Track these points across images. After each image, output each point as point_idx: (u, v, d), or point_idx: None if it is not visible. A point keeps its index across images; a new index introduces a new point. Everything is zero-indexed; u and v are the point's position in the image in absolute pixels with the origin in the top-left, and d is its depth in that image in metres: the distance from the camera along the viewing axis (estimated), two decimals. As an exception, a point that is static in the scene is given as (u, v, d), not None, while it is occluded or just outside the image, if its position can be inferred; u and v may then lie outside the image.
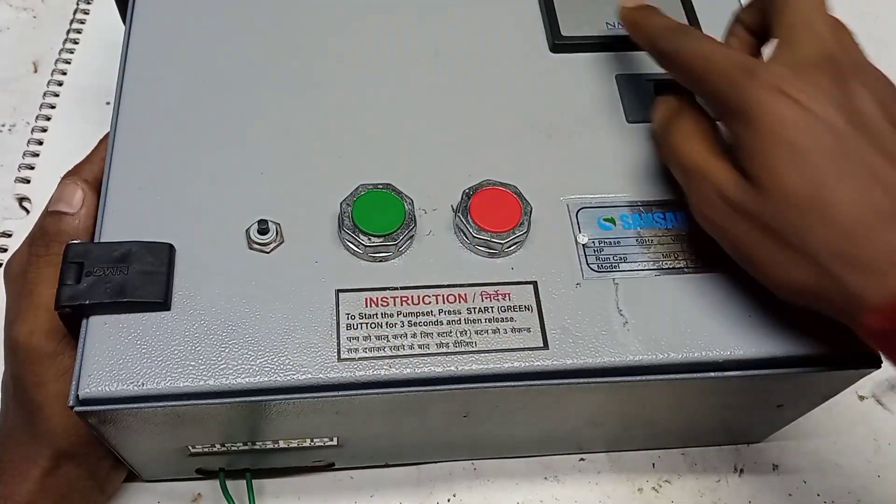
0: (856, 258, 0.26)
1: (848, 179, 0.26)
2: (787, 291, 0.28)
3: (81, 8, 0.56)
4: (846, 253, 0.26)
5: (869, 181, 0.26)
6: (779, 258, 0.28)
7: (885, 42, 0.59)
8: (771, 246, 0.28)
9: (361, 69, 0.38)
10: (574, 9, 0.41)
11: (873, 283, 0.25)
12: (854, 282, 0.26)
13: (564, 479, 0.41)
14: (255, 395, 0.30)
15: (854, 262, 0.26)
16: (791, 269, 0.27)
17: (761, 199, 0.28)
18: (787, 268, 0.28)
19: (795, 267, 0.27)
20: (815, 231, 0.26)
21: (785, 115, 0.27)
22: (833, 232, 0.26)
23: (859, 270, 0.26)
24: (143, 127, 0.35)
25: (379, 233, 0.32)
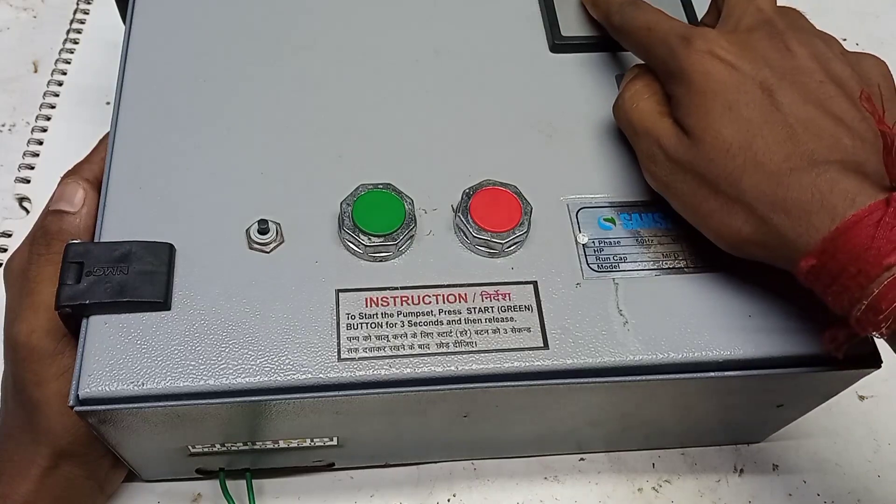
0: (784, 201, 0.27)
1: (776, 126, 0.28)
2: (730, 242, 0.30)
3: (81, 8, 0.56)
4: (776, 196, 0.27)
5: (797, 129, 0.28)
6: (718, 208, 0.29)
7: (886, 42, 0.59)
8: (709, 196, 0.29)
9: (361, 69, 0.38)
10: (574, 9, 0.41)
11: (803, 225, 0.27)
12: (786, 226, 0.27)
13: (564, 479, 0.41)
14: (255, 395, 0.30)
15: (783, 206, 0.27)
16: (730, 219, 0.29)
17: (697, 150, 0.29)
18: (726, 218, 0.29)
19: (734, 216, 0.29)
20: (746, 177, 0.28)
21: (715, 73, 0.30)
22: (762, 177, 0.28)
23: (788, 213, 0.27)
24: (143, 127, 0.35)
25: (379, 233, 0.32)
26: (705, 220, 0.30)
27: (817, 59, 0.30)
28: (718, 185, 0.29)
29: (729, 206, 0.29)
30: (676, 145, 0.30)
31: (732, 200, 0.29)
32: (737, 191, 0.28)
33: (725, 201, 0.29)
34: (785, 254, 0.28)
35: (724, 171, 0.29)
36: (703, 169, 0.29)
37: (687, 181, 0.30)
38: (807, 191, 0.27)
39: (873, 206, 0.25)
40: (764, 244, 0.29)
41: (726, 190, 0.29)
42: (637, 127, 0.32)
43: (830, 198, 0.26)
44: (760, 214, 0.28)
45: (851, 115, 0.29)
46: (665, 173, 0.31)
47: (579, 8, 0.40)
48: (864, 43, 0.59)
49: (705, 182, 0.30)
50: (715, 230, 0.30)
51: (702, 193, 0.30)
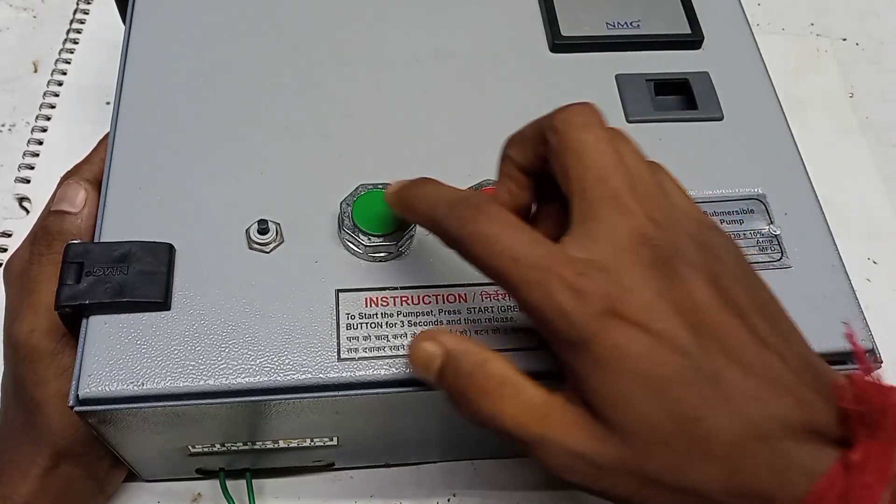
0: (741, 487, 0.23)
1: (713, 403, 0.23)
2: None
3: (81, 8, 0.56)
4: (731, 483, 0.23)
5: (736, 400, 0.23)
6: (663, 500, 0.24)
7: (886, 42, 0.59)
8: (656, 492, 0.24)
9: (361, 69, 0.38)
10: (574, 9, 0.41)
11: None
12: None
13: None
14: (255, 395, 0.30)
15: (741, 492, 0.23)
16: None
17: (628, 447, 0.24)
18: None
19: None
20: (694, 469, 0.23)
21: (629, 346, 0.23)
22: (713, 465, 0.23)
23: (748, 499, 0.23)
24: (143, 127, 0.35)
25: (379, 233, 0.32)
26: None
27: (712, 285, 0.24)
28: (664, 482, 0.24)
29: (679, 498, 0.24)
30: (598, 448, 0.24)
31: (682, 493, 0.24)
32: (684, 484, 0.23)
33: (673, 495, 0.24)
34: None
35: (668, 465, 0.23)
36: (640, 467, 0.24)
37: (622, 483, 0.24)
38: (765, 473, 0.23)
39: (831, 474, 0.22)
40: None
41: (674, 484, 0.24)
42: (522, 438, 0.25)
43: (790, 475, 0.22)
44: (719, 501, 0.23)
45: (768, 363, 0.24)
46: (591, 481, 0.25)
47: (579, 8, 0.40)
48: (864, 43, 0.59)
49: (646, 480, 0.24)
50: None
51: (646, 492, 0.24)
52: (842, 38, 0.60)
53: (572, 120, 0.27)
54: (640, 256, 0.24)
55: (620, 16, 0.41)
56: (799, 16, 0.60)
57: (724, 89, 0.39)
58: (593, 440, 0.24)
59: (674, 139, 0.37)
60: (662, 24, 0.40)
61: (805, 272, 0.34)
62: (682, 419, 0.23)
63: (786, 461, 0.23)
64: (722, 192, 0.36)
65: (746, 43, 0.41)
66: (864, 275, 0.48)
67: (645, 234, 0.25)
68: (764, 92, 0.39)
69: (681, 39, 0.40)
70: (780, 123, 0.38)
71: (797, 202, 0.36)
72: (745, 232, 0.35)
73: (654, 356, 0.23)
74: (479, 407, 0.25)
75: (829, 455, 0.22)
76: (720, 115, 0.38)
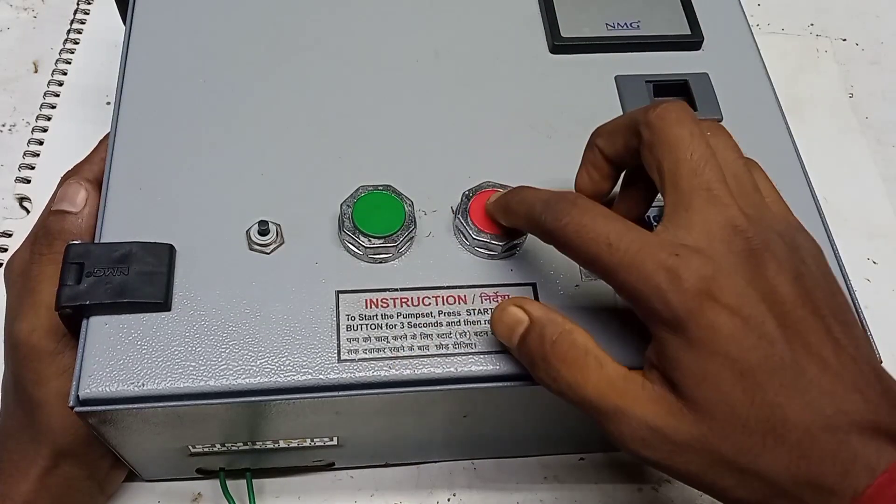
0: (808, 475, 0.24)
1: (792, 392, 0.24)
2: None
3: (81, 8, 0.56)
4: (799, 471, 0.24)
5: (811, 391, 0.24)
6: (735, 483, 0.25)
7: (886, 42, 0.59)
8: (724, 473, 0.25)
9: (361, 70, 0.38)
10: (574, 9, 0.41)
11: (824, 499, 0.24)
12: (807, 498, 0.24)
13: (564, 479, 0.41)
14: (255, 396, 0.30)
15: (807, 480, 0.24)
16: (749, 492, 0.25)
17: (706, 426, 0.25)
18: (743, 491, 0.25)
19: (754, 489, 0.25)
20: (767, 453, 0.24)
21: (722, 327, 0.24)
22: (784, 451, 0.24)
23: (812, 487, 0.24)
24: (143, 127, 0.35)
25: (379, 234, 0.32)
26: (721, 494, 0.26)
27: (794, 280, 0.26)
28: (735, 462, 0.25)
29: (747, 481, 0.25)
30: (676, 424, 0.25)
31: (750, 476, 0.25)
32: (756, 466, 0.25)
33: (742, 477, 0.25)
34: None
35: (742, 448, 0.25)
36: (714, 446, 0.25)
37: (694, 461, 0.25)
38: (830, 463, 0.24)
39: (892, 471, 0.23)
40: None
41: (744, 466, 0.25)
42: (601, 408, 0.26)
43: (853, 468, 0.24)
44: (783, 487, 0.25)
45: (842, 362, 0.25)
46: (663, 456, 0.26)
47: (579, 8, 0.40)
48: (863, 43, 0.59)
49: (718, 459, 0.25)
50: (731, 500, 0.26)
51: (715, 471, 0.25)
52: (842, 38, 0.60)
53: (667, 115, 0.27)
54: (732, 246, 0.25)
55: (620, 17, 0.41)
56: (799, 16, 0.60)
57: (724, 90, 0.39)
58: (672, 416, 0.25)
59: (673, 140, 0.37)
60: (662, 25, 0.40)
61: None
62: (763, 404, 0.24)
63: (851, 455, 0.24)
64: (721, 194, 0.36)
65: (746, 44, 0.41)
66: (864, 275, 0.48)
67: (737, 225, 0.26)
68: (763, 93, 0.39)
69: (681, 40, 0.40)
70: (780, 125, 0.38)
71: (795, 204, 0.35)
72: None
73: (744, 341, 0.24)
74: (562, 374, 0.27)
75: (890, 454, 0.24)
76: (720, 117, 0.38)
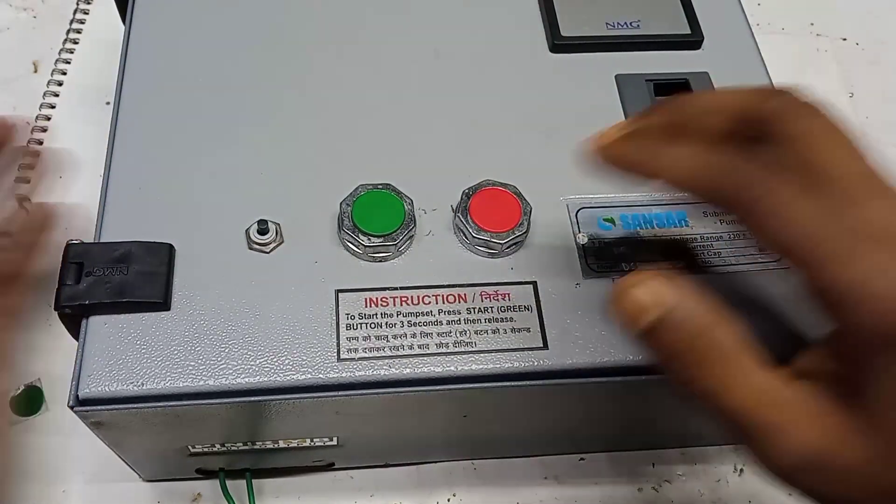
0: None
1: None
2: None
3: (81, 8, 0.56)
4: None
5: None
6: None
7: (886, 42, 0.59)
8: (882, 501, 0.22)
9: (361, 69, 0.38)
10: (574, 9, 0.41)
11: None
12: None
13: (564, 479, 0.41)
14: (254, 396, 0.30)
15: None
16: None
17: (885, 449, 0.21)
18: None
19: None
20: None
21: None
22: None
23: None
24: (143, 127, 0.35)
25: (379, 233, 0.32)
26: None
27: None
28: None
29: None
30: (842, 448, 0.21)
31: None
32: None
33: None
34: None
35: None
36: (882, 474, 0.21)
37: (855, 488, 0.22)
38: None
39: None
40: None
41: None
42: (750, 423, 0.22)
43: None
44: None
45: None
46: (818, 484, 0.22)
47: (579, 8, 0.40)
48: (863, 42, 0.59)
49: (886, 489, 0.21)
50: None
51: (875, 501, 0.22)
52: (842, 38, 0.60)
53: (798, 107, 0.24)
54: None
55: (620, 16, 0.41)
56: (799, 16, 0.60)
57: (724, 89, 0.39)
58: (839, 436, 0.21)
59: (673, 139, 0.37)
60: (662, 24, 0.40)
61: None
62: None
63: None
64: (722, 193, 0.36)
65: (746, 43, 0.41)
66: (864, 275, 0.48)
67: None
68: (764, 92, 0.39)
69: (681, 39, 0.40)
70: (780, 124, 0.38)
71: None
72: (745, 232, 0.35)
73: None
74: (698, 378, 0.23)
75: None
76: (720, 116, 0.38)
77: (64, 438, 0.40)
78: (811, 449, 0.21)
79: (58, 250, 0.31)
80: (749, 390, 0.22)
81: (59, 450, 0.39)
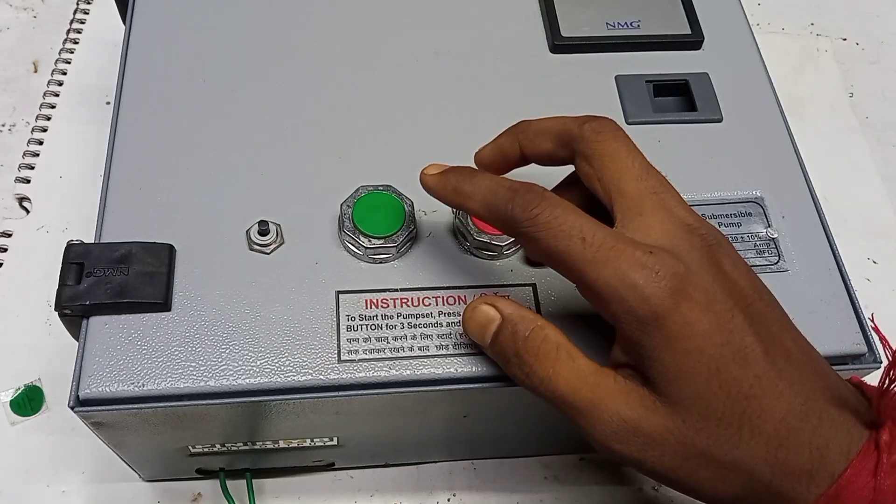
0: (785, 463, 0.24)
1: (765, 383, 0.25)
2: (715, 502, 0.26)
3: (81, 8, 0.56)
4: (776, 460, 0.25)
5: (783, 380, 0.25)
6: (710, 476, 0.25)
7: (886, 42, 0.59)
8: (699, 466, 0.25)
9: (361, 70, 0.38)
10: (574, 9, 0.41)
11: (804, 485, 0.24)
12: (786, 486, 0.25)
13: (564, 479, 0.41)
14: (255, 396, 0.30)
15: (784, 468, 0.25)
16: (725, 485, 0.25)
17: (681, 419, 0.25)
18: (720, 484, 0.25)
19: (729, 483, 0.25)
20: (743, 445, 0.25)
21: (696, 323, 0.24)
22: (761, 441, 0.25)
23: (790, 475, 0.25)
24: (143, 127, 0.35)
25: (379, 234, 0.32)
26: (695, 488, 0.26)
27: (746, 273, 0.27)
28: (711, 455, 0.25)
29: (723, 473, 0.25)
30: (650, 417, 0.25)
31: (727, 468, 0.25)
32: (732, 458, 0.25)
33: (718, 469, 0.25)
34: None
35: (718, 440, 0.25)
36: (689, 439, 0.25)
37: (668, 454, 0.25)
38: (807, 450, 0.24)
39: (865, 452, 0.24)
40: (758, 501, 0.26)
41: (720, 458, 0.25)
42: (574, 403, 0.26)
43: (828, 453, 0.24)
44: (761, 477, 0.25)
45: (802, 348, 0.26)
46: (636, 449, 0.26)
47: (579, 8, 0.40)
48: (863, 42, 0.59)
49: (693, 452, 0.25)
50: (707, 496, 0.26)
51: (690, 465, 0.25)
52: (842, 37, 0.60)
53: (603, 130, 0.28)
54: (692, 243, 0.26)
55: (620, 16, 0.41)
56: (799, 16, 0.60)
57: (724, 90, 0.39)
58: (644, 409, 0.25)
59: (673, 141, 0.37)
60: (662, 24, 0.40)
61: (802, 276, 0.34)
62: (739, 397, 0.25)
63: (824, 440, 0.24)
64: (720, 195, 0.36)
65: (746, 43, 0.41)
66: (864, 275, 0.48)
67: (690, 224, 0.27)
68: (763, 94, 0.39)
69: (681, 40, 0.40)
70: (780, 126, 0.38)
71: (795, 205, 0.36)
72: (743, 235, 0.35)
73: (717, 336, 0.25)
74: (535, 370, 0.27)
75: (861, 434, 0.24)
76: (719, 117, 0.38)
77: (64, 438, 0.40)
78: (620, 419, 0.25)
79: (58, 251, 0.31)
80: (572, 374, 0.26)
81: (59, 450, 0.39)
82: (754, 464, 0.25)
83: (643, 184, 0.27)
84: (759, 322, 0.26)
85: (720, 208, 0.35)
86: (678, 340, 0.25)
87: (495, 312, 0.28)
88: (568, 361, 0.27)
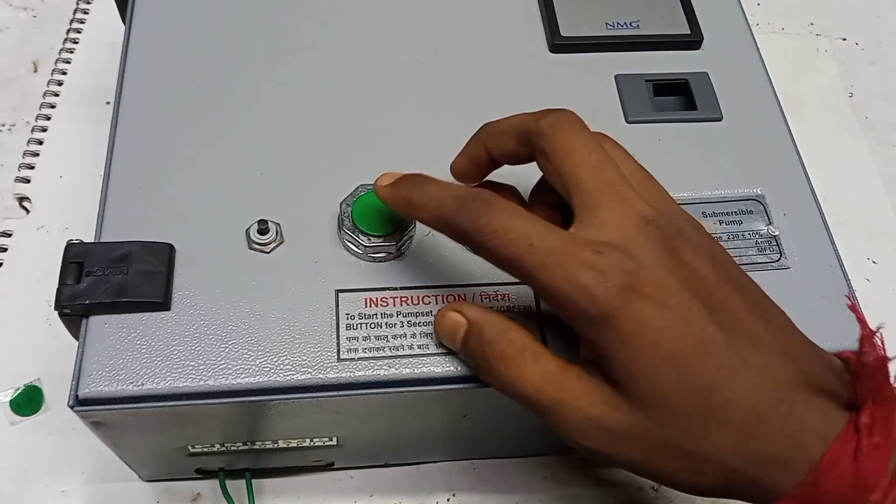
0: (758, 452, 0.24)
1: (728, 372, 0.24)
2: (699, 493, 0.27)
3: (81, 8, 0.56)
4: (749, 450, 0.24)
5: (748, 368, 0.25)
6: (682, 468, 0.25)
7: (886, 42, 0.59)
8: (669, 459, 0.25)
9: (361, 69, 0.38)
10: (574, 9, 0.41)
11: (780, 474, 0.24)
12: (763, 475, 0.24)
13: (564, 479, 0.41)
14: (254, 395, 0.30)
15: (757, 457, 0.24)
16: (698, 476, 0.25)
17: (644, 414, 0.25)
18: (693, 476, 0.26)
19: (698, 472, 0.25)
20: (711, 436, 0.25)
21: (650, 320, 0.24)
22: (731, 432, 0.24)
23: (764, 464, 0.24)
24: (142, 127, 0.35)
25: (378, 233, 0.32)
26: (672, 480, 0.26)
27: (711, 260, 0.26)
28: (679, 447, 0.25)
29: (695, 465, 0.25)
30: (613, 413, 0.25)
31: (698, 460, 0.25)
32: (701, 450, 0.25)
33: (689, 461, 0.25)
34: (761, 498, 0.25)
35: (683, 434, 0.25)
36: (654, 433, 0.25)
37: (635, 448, 0.25)
38: (780, 438, 0.24)
39: (844, 436, 0.24)
40: (738, 490, 0.26)
41: (689, 450, 0.25)
42: (543, 405, 0.26)
43: (804, 439, 0.24)
44: (734, 468, 0.25)
45: (772, 333, 0.26)
46: (604, 445, 0.26)
47: (579, 8, 0.40)
48: (863, 42, 0.59)
49: (660, 445, 0.25)
50: (682, 486, 0.26)
51: (660, 457, 0.25)
52: (841, 37, 0.60)
53: (559, 123, 0.28)
54: (648, 237, 0.26)
55: (620, 16, 0.41)
56: (798, 15, 0.60)
57: (724, 90, 0.39)
58: (607, 405, 0.25)
59: (673, 140, 0.37)
60: (662, 24, 0.40)
61: (803, 273, 0.34)
62: (700, 388, 0.24)
63: (799, 426, 0.24)
64: (721, 193, 0.36)
65: (746, 43, 0.41)
66: (864, 275, 0.48)
67: (647, 216, 0.26)
68: (763, 92, 0.39)
69: (680, 40, 0.40)
70: (780, 124, 0.38)
71: (796, 203, 0.36)
72: (744, 233, 0.35)
73: (674, 330, 0.24)
74: (501, 372, 0.27)
75: (839, 418, 0.24)
76: (719, 116, 0.38)
77: (63, 438, 0.40)
78: (584, 416, 0.26)
79: (58, 251, 0.31)
80: (537, 375, 0.27)
81: (59, 450, 0.39)
82: (725, 454, 0.25)
83: (600, 177, 0.27)
84: (722, 310, 0.25)
85: (721, 206, 0.35)
86: (632, 338, 0.24)
87: (461, 318, 0.29)
88: (533, 362, 0.27)
